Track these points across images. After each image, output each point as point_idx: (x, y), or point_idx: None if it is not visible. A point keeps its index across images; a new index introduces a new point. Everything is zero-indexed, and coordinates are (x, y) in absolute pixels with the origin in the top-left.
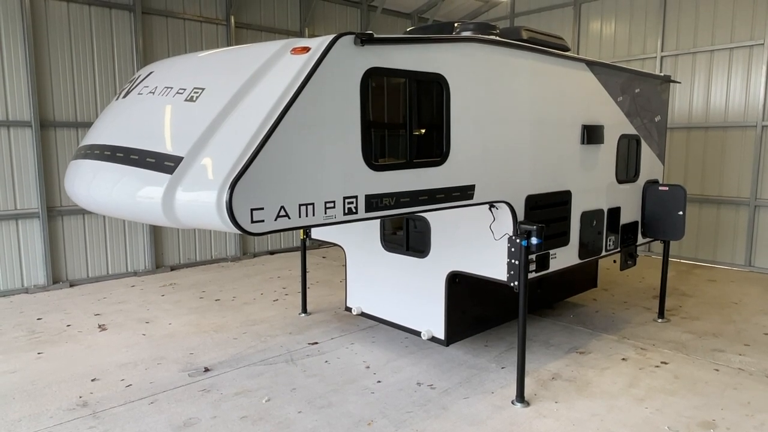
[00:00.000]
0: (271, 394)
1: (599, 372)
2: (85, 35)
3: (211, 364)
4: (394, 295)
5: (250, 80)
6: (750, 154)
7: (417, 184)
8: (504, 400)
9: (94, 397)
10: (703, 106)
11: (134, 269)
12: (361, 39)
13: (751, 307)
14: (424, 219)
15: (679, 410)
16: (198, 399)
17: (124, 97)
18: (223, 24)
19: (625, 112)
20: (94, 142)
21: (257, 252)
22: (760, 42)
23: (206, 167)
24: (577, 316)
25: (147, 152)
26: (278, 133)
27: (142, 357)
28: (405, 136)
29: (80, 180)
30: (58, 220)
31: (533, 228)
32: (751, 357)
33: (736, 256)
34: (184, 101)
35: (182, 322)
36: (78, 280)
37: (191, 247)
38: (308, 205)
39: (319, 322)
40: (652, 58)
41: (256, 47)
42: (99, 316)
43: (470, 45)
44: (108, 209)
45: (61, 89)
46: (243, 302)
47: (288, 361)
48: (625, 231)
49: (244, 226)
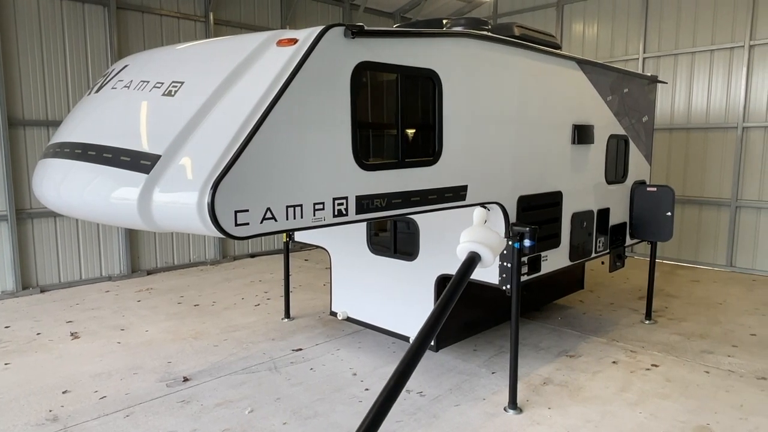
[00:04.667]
0: (254, 404)
1: (591, 376)
2: (57, 30)
3: (191, 374)
4: (382, 299)
5: (234, 73)
6: (731, 155)
7: (409, 184)
8: (496, 407)
9: (66, 410)
10: (685, 108)
11: (109, 274)
12: (352, 31)
13: (736, 307)
14: (413, 221)
15: (673, 414)
16: (177, 411)
17: (97, 91)
18: (201, 21)
19: (614, 112)
20: (64, 140)
21: (237, 255)
22: (740, 44)
23: (186, 166)
24: (565, 319)
25: (121, 150)
26: (264, 129)
27: (117, 367)
28: (396, 134)
29: (49, 180)
30: (28, 222)
31: (526, 230)
32: (740, 358)
33: (718, 257)
34: (161, 96)
35: (159, 329)
36: (49, 286)
37: (168, 250)
38: (296, 207)
39: (303, 328)
40: (635, 60)
41: (240, 39)
42: (71, 323)
43: (463, 40)
44: (79, 212)
45: (30, 86)
46: (223, 307)
47: (271, 368)
48: (614, 232)
49: (227, 230)
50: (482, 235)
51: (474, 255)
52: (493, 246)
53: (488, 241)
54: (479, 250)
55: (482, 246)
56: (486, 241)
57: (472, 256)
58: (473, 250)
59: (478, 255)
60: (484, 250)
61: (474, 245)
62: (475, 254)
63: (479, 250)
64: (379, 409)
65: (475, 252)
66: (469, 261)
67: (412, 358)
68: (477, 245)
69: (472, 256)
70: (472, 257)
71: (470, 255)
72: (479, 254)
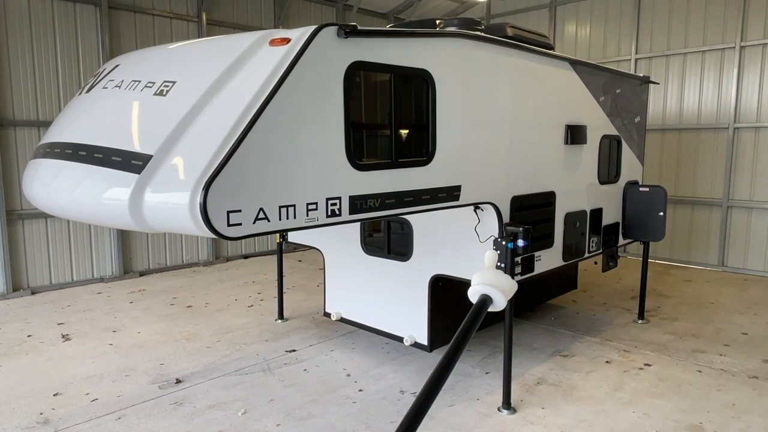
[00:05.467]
0: (247, 406)
1: (584, 376)
2: (48, 30)
3: (183, 375)
4: (375, 299)
5: (226, 73)
6: (723, 155)
7: (402, 184)
8: (490, 407)
9: (57, 413)
10: (677, 108)
11: (101, 275)
12: (345, 30)
13: (728, 306)
14: (407, 221)
15: (666, 414)
16: (169, 413)
17: (88, 91)
18: (194, 21)
19: (606, 112)
20: (54, 140)
21: (231, 256)
22: (731, 45)
23: (178, 166)
24: (558, 319)
25: (112, 150)
26: (256, 129)
27: (108, 369)
28: (390, 134)
29: (40, 181)
30: (19, 224)
31: (520, 230)
32: (732, 357)
33: (710, 257)
34: (153, 95)
35: (152, 331)
36: (40, 287)
37: (161, 251)
38: (289, 207)
39: (297, 329)
40: (627, 60)
41: (232, 38)
42: (62, 325)
43: (456, 40)
44: (70, 212)
45: (21, 86)
46: (216, 309)
47: (265, 370)
48: (607, 232)
49: (219, 230)
50: (494, 278)
51: (486, 297)
52: (505, 289)
53: (500, 284)
54: (491, 293)
55: (494, 289)
56: (498, 284)
57: (484, 299)
58: (485, 293)
59: (489, 297)
60: (495, 292)
61: (486, 288)
62: (487, 297)
63: (491, 293)
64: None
65: (486, 294)
66: (481, 303)
67: (415, 414)
68: (489, 288)
69: (484, 298)
70: (484, 300)
71: (482, 297)
72: (491, 297)
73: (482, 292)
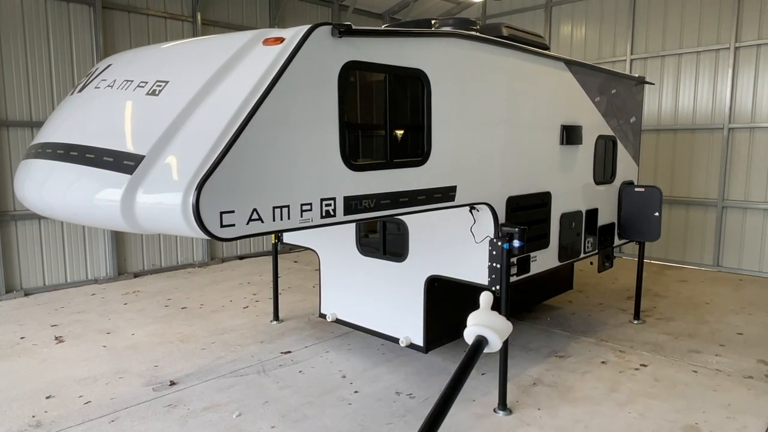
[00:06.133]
0: (242, 408)
1: (580, 376)
2: (41, 30)
3: (178, 377)
4: (371, 300)
5: (219, 72)
6: (718, 156)
7: (398, 184)
8: (486, 409)
9: (49, 416)
10: (672, 109)
11: (95, 276)
12: (339, 30)
13: (723, 307)
14: (402, 222)
15: (661, 414)
16: (163, 416)
17: (80, 91)
18: (189, 21)
19: (602, 112)
20: (46, 140)
21: (226, 257)
22: (725, 46)
23: (170, 167)
24: (554, 319)
25: (104, 150)
26: (250, 129)
27: (102, 371)
28: (385, 134)
29: (31, 182)
30: (11, 225)
31: (515, 230)
32: (727, 357)
33: (705, 257)
34: (145, 95)
35: (146, 333)
36: (33, 289)
37: (156, 252)
38: (283, 208)
39: (292, 330)
40: (622, 61)
41: (225, 37)
42: (56, 327)
43: (452, 40)
44: (62, 213)
45: (14, 86)
46: (211, 310)
47: (260, 371)
48: (603, 232)
49: (212, 231)
50: (489, 320)
51: (481, 339)
52: (500, 330)
53: (495, 325)
54: (486, 334)
55: (489, 330)
56: (493, 326)
57: (479, 340)
58: (480, 334)
59: (485, 339)
60: (491, 334)
61: (481, 329)
62: (483, 338)
63: (486, 334)
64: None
65: (482, 336)
66: (477, 344)
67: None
68: (484, 329)
69: (479, 339)
70: (480, 341)
71: (477, 339)
72: (486, 338)
73: (478, 333)
